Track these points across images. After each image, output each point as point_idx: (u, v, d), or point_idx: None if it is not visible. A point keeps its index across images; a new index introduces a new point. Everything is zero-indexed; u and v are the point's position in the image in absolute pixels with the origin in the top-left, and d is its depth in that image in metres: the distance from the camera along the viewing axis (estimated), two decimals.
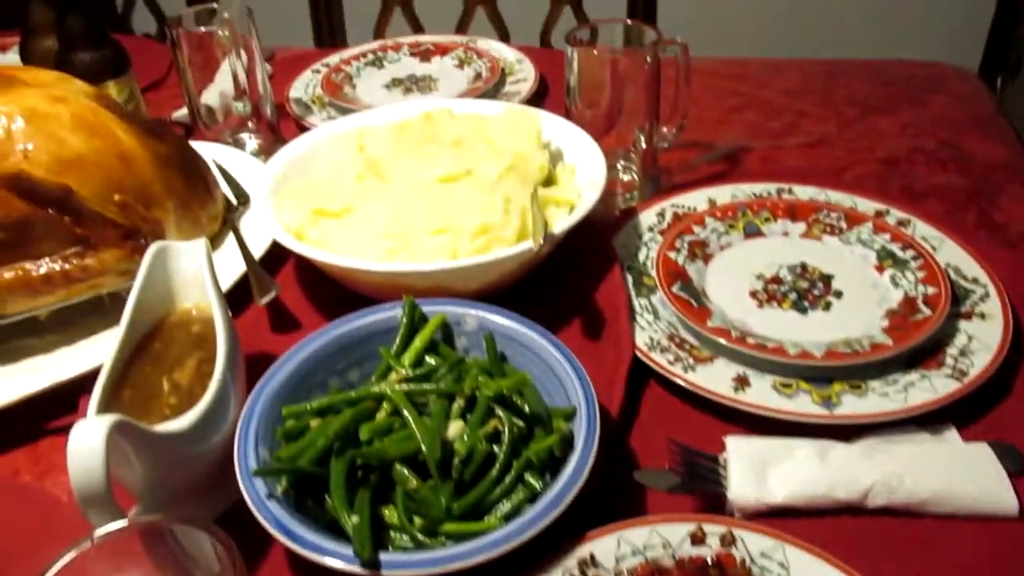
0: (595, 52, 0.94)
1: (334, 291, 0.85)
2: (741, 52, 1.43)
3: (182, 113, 1.22)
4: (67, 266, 0.75)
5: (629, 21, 0.97)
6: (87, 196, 0.74)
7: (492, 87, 1.25)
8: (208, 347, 0.67)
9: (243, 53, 1.09)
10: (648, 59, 0.93)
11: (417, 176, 0.87)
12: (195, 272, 0.70)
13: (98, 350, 0.76)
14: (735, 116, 1.20)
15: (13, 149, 0.71)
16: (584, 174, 0.89)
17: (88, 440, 0.49)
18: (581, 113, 0.98)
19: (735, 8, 2.63)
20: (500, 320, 0.70)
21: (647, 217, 0.94)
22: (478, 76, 1.30)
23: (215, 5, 1.10)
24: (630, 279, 0.85)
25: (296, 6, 1.84)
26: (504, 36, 1.69)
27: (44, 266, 0.74)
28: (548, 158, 0.90)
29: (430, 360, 0.68)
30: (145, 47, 1.51)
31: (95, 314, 0.82)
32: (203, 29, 1.07)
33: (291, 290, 0.89)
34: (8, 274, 0.73)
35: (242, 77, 1.11)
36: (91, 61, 1.05)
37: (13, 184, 0.71)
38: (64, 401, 0.74)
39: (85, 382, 0.74)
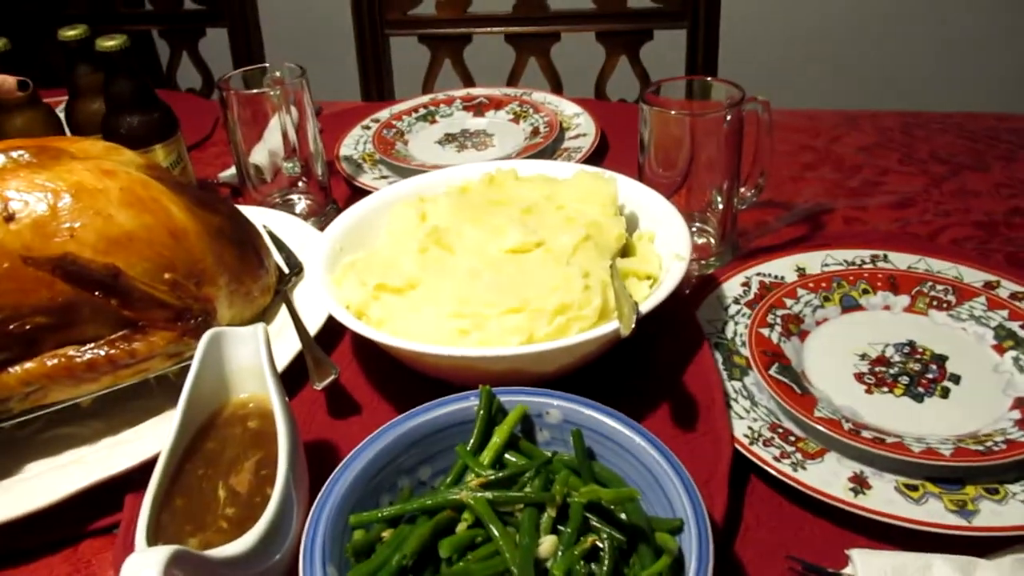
0: (672, 111, 0.87)
1: (396, 371, 0.79)
2: (803, 103, 1.36)
3: (229, 174, 1.17)
4: (113, 351, 0.68)
5: (709, 79, 0.91)
6: (136, 276, 0.68)
7: (551, 142, 1.19)
8: (267, 445, 0.61)
9: (294, 110, 1.04)
10: (728, 117, 0.86)
11: (484, 247, 0.80)
12: (252, 361, 0.63)
13: (144, 442, 0.69)
14: (810, 173, 1.13)
15: (59, 228, 0.65)
16: (664, 243, 0.82)
17: None
18: (654, 172, 0.92)
19: (796, 57, 2.58)
20: (588, 412, 0.62)
21: (731, 287, 0.87)
22: (535, 131, 1.24)
23: (266, 64, 1.06)
24: (719, 358, 0.78)
25: (342, 58, 1.80)
26: (557, 88, 1.63)
27: (88, 352, 0.68)
28: (624, 226, 0.84)
29: (511, 457, 0.61)
30: (191, 104, 1.48)
31: (140, 397, 0.76)
32: (254, 91, 1.02)
33: (348, 368, 0.82)
34: (50, 361, 0.67)
35: (292, 136, 1.06)
36: (139, 124, 1.01)
37: (58, 266, 0.65)
38: (108, 496, 0.68)
39: (130, 476, 0.68)
